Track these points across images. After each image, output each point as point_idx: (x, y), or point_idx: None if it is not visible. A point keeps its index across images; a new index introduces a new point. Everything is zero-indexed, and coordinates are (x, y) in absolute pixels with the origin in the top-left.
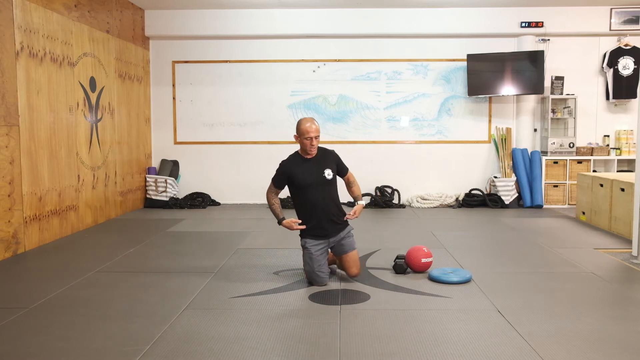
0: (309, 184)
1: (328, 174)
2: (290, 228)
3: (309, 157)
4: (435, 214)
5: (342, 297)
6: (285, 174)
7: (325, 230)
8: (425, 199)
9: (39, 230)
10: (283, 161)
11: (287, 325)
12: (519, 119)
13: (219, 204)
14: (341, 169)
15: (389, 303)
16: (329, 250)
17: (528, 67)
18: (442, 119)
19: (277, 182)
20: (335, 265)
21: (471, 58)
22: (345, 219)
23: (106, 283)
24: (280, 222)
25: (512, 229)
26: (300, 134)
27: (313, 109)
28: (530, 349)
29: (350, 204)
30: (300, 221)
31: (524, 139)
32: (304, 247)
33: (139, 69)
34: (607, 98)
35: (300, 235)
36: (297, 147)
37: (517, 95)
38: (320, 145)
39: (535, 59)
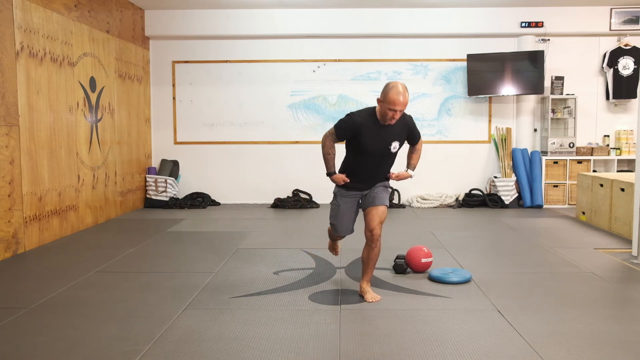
0: (371, 151)
1: (394, 147)
2: (337, 183)
3: (383, 123)
4: (435, 214)
5: (342, 297)
6: (352, 131)
7: (364, 188)
8: (425, 199)
9: (39, 230)
10: (354, 114)
11: (287, 325)
12: (519, 119)
13: (219, 204)
14: (413, 137)
15: (389, 303)
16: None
17: (528, 67)
18: (442, 119)
19: (341, 134)
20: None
21: (471, 58)
22: (387, 176)
23: (106, 283)
24: (329, 175)
25: (512, 229)
26: (386, 102)
27: (313, 109)
28: (530, 349)
29: None
30: (348, 180)
31: (524, 139)
32: (334, 195)
33: (139, 69)
34: (607, 98)
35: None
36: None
37: (517, 95)
38: None
39: (535, 59)
